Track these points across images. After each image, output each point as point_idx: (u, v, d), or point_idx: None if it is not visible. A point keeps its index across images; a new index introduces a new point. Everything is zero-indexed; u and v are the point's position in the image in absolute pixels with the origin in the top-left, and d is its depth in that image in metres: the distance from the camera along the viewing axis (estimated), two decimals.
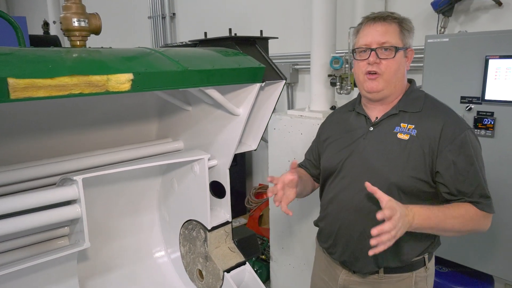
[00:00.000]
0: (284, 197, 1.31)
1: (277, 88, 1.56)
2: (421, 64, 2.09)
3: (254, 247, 1.80)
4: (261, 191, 3.58)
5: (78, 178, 1.32)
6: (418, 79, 2.27)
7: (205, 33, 1.66)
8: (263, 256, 3.13)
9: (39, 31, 5.20)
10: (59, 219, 1.34)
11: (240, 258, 1.69)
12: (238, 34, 1.55)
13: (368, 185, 1.17)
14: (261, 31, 1.67)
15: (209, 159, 1.61)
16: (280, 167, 2.72)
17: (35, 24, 5.78)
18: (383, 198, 1.12)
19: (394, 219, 1.07)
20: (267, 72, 1.48)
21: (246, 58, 1.42)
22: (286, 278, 2.87)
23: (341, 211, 1.42)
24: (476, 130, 1.90)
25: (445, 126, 1.26)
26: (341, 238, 1.43)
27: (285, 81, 1.53)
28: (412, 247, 1.34)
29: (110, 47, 1.25)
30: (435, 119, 1.29)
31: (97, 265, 1.76)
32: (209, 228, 1.64)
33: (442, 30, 2.22)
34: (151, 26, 4.73)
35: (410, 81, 1.43)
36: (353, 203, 1.38)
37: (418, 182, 1.28)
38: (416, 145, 1.28)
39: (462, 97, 1.94)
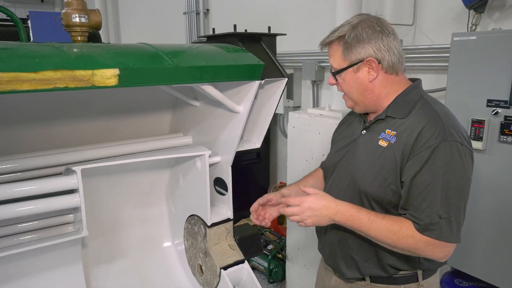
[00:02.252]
0: (267, 215, 1.49)
1: (281, 86, 1.53)
2: (447, 64, 1.96)
3: (256, 246, 1.78)
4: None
5: (77, 168, 1.37)
6: (444, 80, 2.13)
7: (213, 29, 1.66)
8: (280, 255, 3.10)
9: None
10: (60, 207, 1.39)
11: (239, 256, 1.68)
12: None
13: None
14: (269, 27, 1.64)
15: (210, 156, 1.61)
16: (298, 166, 2.68)
17: None
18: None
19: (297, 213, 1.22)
20: (268, 70, 1.44)
21: (246, 55, 1.40)
22: (301, 279, 2.83)
23: None
24: (502, 137, 1.75)
25: (421, 132, 1.13)
26: (326, 241, 1.41)
27: (287, 79, 1.48)
28: (396, 259, 1.26)
29: (109, 43, 1.27)
30: (415, 125, 1.17)
31: (105, 253, 1.82)
32: (208, 224, 1.64)
33: (474, 27, 2.06)
34: (186, 22, 4.82)
35: (416, 79, 1.31)
36: None
37: (389, 193, 1.19)
38: (390, 153, 1.18)
39: (489, 100, 1.79)
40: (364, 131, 1.31)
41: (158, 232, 1.97)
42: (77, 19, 1.25)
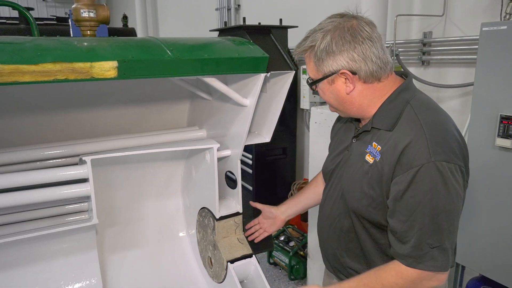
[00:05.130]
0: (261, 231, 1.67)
1: (289, 78, 1.50)
2: (475, 57, 1.84)
3: (266, 242, 1.77)
4: (305, 186, 3.48)
5: (88, 158, 1.42)
6: (473, 73, 1.99)
7: (225, 23, 1.66)
8: (302, 253, 3.06)
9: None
10: (73, 196, 1.45)
11: (248, 250, 1.68)
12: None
13: None
14: (281, 20, 1.61)
15: (220, 149, 1.62)
16: (319, 162, 2.61)
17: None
18: None
19: None
20: (275, 62, 1.42)
21: (251, 48, 1.39)
22: (321, 277, 2.77)
23: (321, 223, 1.35)
24: None
25: (404, 151, 1.03)
26: (323, 248, 1.38)
27: (294, 71, 1.45)
28: None
29: (114, 36, 1.31)
30: (399, 142, 1.05)
31: (120, 241, 1.88)
32: (217, 217, 1.65)
33: (508, 17, 1.91)
34: (218, 17, 4.86)
35: (406, 75, 1.19)
36: (329, 219, 1.30)
37: (378, 213, 1.11)
38: (376, 171, 1.09)
39: None
40: (354, 139, 1.24)
41: (173, 223, 2.01)
42: (86, 14, 1.29)
